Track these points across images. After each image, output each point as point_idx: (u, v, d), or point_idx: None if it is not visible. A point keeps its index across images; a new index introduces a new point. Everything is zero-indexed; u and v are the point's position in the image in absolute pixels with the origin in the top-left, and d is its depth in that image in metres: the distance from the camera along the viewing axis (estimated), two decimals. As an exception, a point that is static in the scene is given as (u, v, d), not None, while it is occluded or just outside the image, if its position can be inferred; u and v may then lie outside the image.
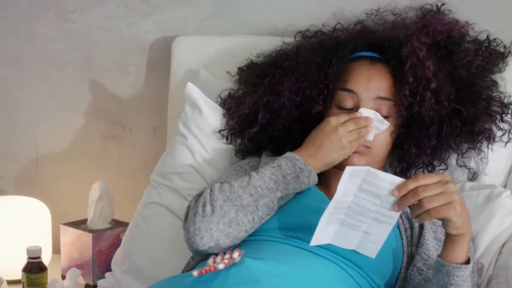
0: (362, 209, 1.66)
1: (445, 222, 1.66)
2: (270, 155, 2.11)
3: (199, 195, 1.91)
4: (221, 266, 1.63)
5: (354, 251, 1.75)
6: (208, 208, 1.83)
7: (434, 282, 1.73)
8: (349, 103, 1.99)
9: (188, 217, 1.86)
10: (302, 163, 1.87)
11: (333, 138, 1.89)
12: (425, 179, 1.63)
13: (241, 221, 1.83)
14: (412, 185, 1.62)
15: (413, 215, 1.65)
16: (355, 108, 1.97)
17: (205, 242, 1.81)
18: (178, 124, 2.26)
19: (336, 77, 2.03)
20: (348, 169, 1.63)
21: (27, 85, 2.88)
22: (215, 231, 1.81)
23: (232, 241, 1.82)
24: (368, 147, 1.96)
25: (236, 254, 1.66)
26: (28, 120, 2.89)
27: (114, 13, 2.73)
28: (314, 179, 1.89)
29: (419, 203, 1.62)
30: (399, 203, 1.64)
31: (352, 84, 1.99)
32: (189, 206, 1.89)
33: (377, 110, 1.97)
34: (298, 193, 1.93)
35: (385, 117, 1.97)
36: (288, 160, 1.88)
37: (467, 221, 1.69)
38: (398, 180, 1.63)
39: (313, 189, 1.94)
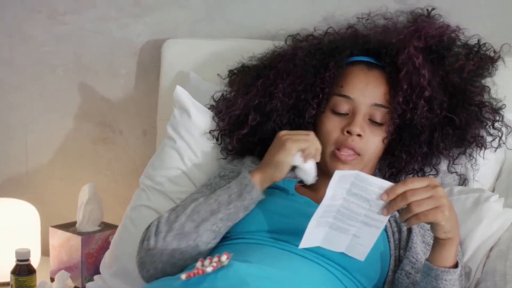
0: (351, 212, 1.66)
1: (433, 226, 1.67)
2: (254, 160, 2.11)
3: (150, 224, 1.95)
4: (209, 269, 1.63)
5: (342, 253, 1.75)
6: (152, 241, 1.87)
7: (422, 286, 1.73)
8: (344, 108, 1.99)
9: (138, 246, 1.91)
10: (247, 180, 1.84)
11: (275, 141, 1.88)
12: (413, 184, 1.63)
13: (184, 249, 1.84)
14: (400, 189, 1.62)
15: (401, 219, 1.65)
16: (350, 113, 1.97)
17: (151, 274, 1.87)
18: (167, 127, 2.26)
19: (332, 81, 2.03)
20: (337, 174, 1.63)
21: (18, 87, 2.88)
22: (159, 263, 1.85)
23: (181, 269, 1.82)
24: (359, 155, 1.96)
25: (224, 257, 1.66)
26: (18, 122, 2.89)
27: (105, 15, 2.73)
28: (257, 194, 1.84)
29: (408, 207, 1.62)
30: (388, 207, 1.64)
31: (349, 90, 1.99)
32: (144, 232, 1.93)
33: (371, 117, 1.98)
34: (283, 198, 1.94)
35: (379, 124, 1.98)
36: (238, 178, 1.88)
37: (455, 225, 1.69)
38: (387, 184, 1.63)
39: (297, 195, 1.96)
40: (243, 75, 2.24)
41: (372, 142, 1.98)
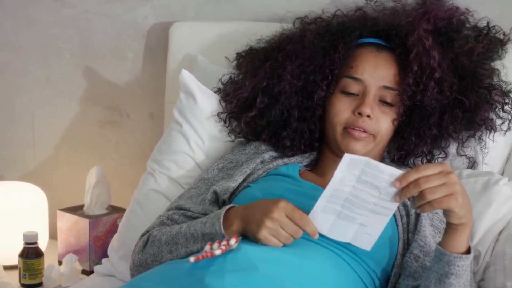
0: (360, 201, 1.64)
1: (447, 212, 1.64)
2: (257, 147, 2.11)
3: (144, 234, 1.99)
4: (218, 252, 1.63)
5: (350, 237, 1.75)
6: (136, 258, 1.93)
7: (433, 271, 1.71)
8: (354, 89, 1.99)
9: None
10: (219, 227, 1.76)
11: (263, 210, 1.73)
12: (426, 170, 1.60)
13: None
14: (413, 176, 1.59)
15: (414, 206, 1.62)
16: (360, 95, 1.98)
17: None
18: (173, 111, 2.26)
19: (341, 62, 2.02)
20: (347, 156, 1.62)
21: (24, 71, 2.87)
22: (146, 269, 1.86)
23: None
24: (372, 135, 1.96)
25: (233, 241, 1.66)
26: (25, 106, 2.89)
27: (112, -2, 2.72)
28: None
29: (421, 194, 1.60)
30: (400, 194, 1.61)
31: (359, 71, 1.99)
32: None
33: (381, 98, 1.98)
34: (289, 183, 1.95)
35: (389, 105, 1.98)
36: (212, 217, 1.81)
37: (469, 211, 1.67)
38: (398, 172, 1.60)
39: (303, 181, 1.97)
40: (251, 58, 2.23)
41: (382, 122, 1.98)
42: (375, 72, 1.98)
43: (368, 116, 1.95)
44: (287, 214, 1.70)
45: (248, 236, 1.73)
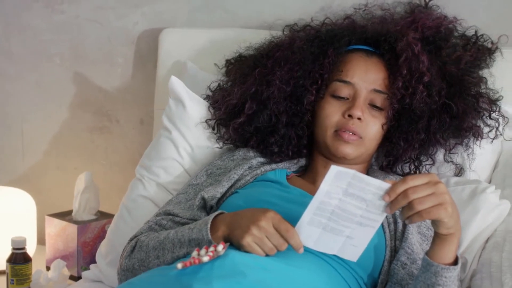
0: (346, 213, 1.63)
1: (436, 222, 1.64)
2: (245, 153, 2.12)
3: (132, 238, 1.98)
4: (205, 258, 1.62)
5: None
6: (124, 262, 1.93)
7: (420, 281, 1.71)
8: (344, 92, 2.01)
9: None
10: (206, 232, 1.76)
11: (250, 218, 1.72)
12: (413, 181, 1.59)
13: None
14: (401, 187, 1.59)
15: (403, 217, 1.61)
16: (350, 98, 1.99)
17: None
18: (162, 117, 2.26)
19: (331, 67, 2.04)
20: (333, 169, 1.60)
21: (15, 76, 2.87)
22: (133, 275, 1.87)
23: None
24: (361, 137, 1.97)
25: (220, 247, 1.66)
26: (15, 111, 2.89)
27: (102, 4, 2.72)
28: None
29: (410, 205, 1.59)
30: (390, 206, 1.60)
31: (349, 75, 2.01)
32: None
33: (371, 102, 1.99)
34: (277, 189, 1.95)
35: (379, 109, 1.99)
36: (200, 224, 1.81)
37: (457, 221, 1.66)
38: (386, 185, 1.60)
39: (291, 187, 1.97)
40: (240, 65, 2.24)
41: (372, 126, 1.99)
42: (366, 76, 2.00)
43: (359, 119, 1.97)
44: (274, 224, 1.69)
45: (233, 243, 1.73)
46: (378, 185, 1.59)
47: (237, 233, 1.71)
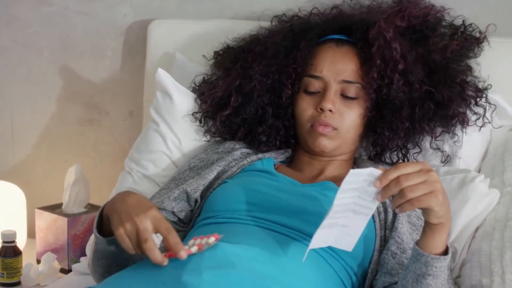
0: (341, 207, 1.61)
1: (426, 211, 1.63)
2: (231, 146, 2.12)
3: None
4: (194, 249, 1.62)
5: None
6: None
7: (411, 271, 1.71)
8: (315, 87, 2.02)
9: None
10: (95, 231, 1.74)
11: (132, 207, 1.65)
12: (405, 168, 1.58)
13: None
14: (393, 174, 1.57)
15: (394, 205, 1.60)
16: (322, 92, 2.00)
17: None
18: (150, 110, 2.26)
19: (303, 61, 2.04)
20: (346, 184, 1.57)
21: (3, 69, 2.86)
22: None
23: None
24: (335, 129, 1.98)
25: (212, 239, 1.65)
26: (4, 103, 2.88)
27: (91, -4, 2.72)
28: (103, 243, 1.74)
29: (401, 192, 1.57)
30: (382, 193, 1.59)
31: (318, 69, 2.01)
32: None
33: (343, 92, 2.00)
34: (266, 178, 1.95)
35: (352, 99, 1.99)
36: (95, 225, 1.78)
37: (448, 210, 1.66)
38: (377, 171, 1.58)
39: (280, 176, 1.97)
40: (223, 58, 2.24)
41: (347, 116, 1.99)
42: (333, 67, 2.00)
43: (330, 111, 1.97)
44: (152, 221, 1.61)
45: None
46: (369, 172, 1.58)
47: (113, 219, 1.65)
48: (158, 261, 1.58)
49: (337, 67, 2.00)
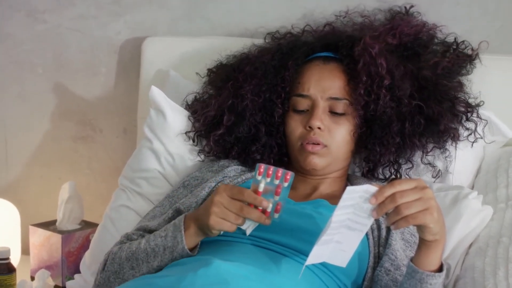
0: (338, 224, 1.62)
1: (421, 228, 1.63)
2: (225, 164, 2.12)
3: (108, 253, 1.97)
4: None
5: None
6: (99, 277, 1.92)
7: (406, 287, 1.72)
8: (303, 105, 2.02)
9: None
10: (181, 238, 1.78)
11: (208, 201, 1.75)
12: (401, 185, 1.59)
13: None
14: (389, 191, 1.58)
15: (389, 222, 1.60)
16: (310, 110, 2.00)
17: None
18: (144, 127, 2.26)
19: (291, 80, 2.05)
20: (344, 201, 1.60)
21: (-3, 86, 2.87)
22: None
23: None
24: (325, 146, 1.98)
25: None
26: (-3, 121, 2.88)
27: (84, 13, 2.72)
28: (186, 252, 1.78)
29: (396, 209, 1.58)
30: (377, 210, 1.59)
31: (305, 88, 2.02)
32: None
33: (331, 109, 2.00)
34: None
35: (340, 115, 2.00)
36: (173, 230, 1.81)
37: (443, 227, 1.66)
38: (372, 188, 1.59)
39: None
40: (215, 77, 2.25)
41: (336, 132, 2.00)
42: (320, 85, 2.00)
43: (319, 128, 1.97)
44: (228, 194, 1.71)
45: (205, 231, 1.75)
46: (365, 189, 1.58)
47: (203, 219, 1.74)
48: (262, 219, 1.70)
49: (323, 84, 2.01)
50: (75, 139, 2.80)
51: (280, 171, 1.70)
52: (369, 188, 1.59)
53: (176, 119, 2.22)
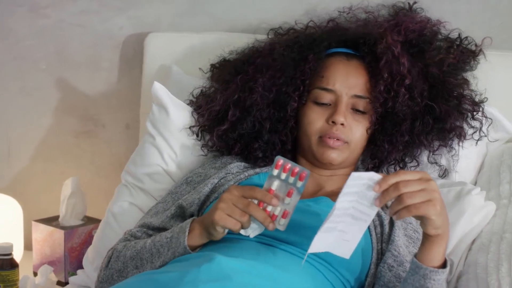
0: (342, 211, 1.62)
1: (424, 220, 1.63)
2: (228, 161, 2.12)
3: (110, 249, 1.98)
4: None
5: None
6: (102, 273, 1.94)
7: (409, 283, 1.71)
8: (326, 99, 2.01)
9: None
10: (183, 239, 1.78)
11: (217, 200, 1.75)
12: (406, 175, 1.59)
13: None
14: (393, 179, 1.58)
15: (392, 211, 1.61)
16: (332, 104, 1.99)
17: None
18: (146, 123, 2.26)
19: (312, 72, 2.04)
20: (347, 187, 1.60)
21: (-1, 81, 2.87)
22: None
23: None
24: (346, 142, 1.98)
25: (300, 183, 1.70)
26: (0, 117, 2.87)
27: (87, 8, 2.72)
28: (187, 252, 1.78)
29: (399, 198, 1.58)
30: (380, 198, 1.59)
31: (330, 82, 2.01)
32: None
33: (354, 106, 2.00)
34: None
35: (362, 113, 2.00)
36: (178, 231, 1.82)
37: (446, 222, 1.66)
38: (377, 176, 1.59)
39: None
40: (222, 71, 2.24)
41: (356, 130, 2.00)
42: (346, 81, 2.00)
43: (342, 124, 1.97)
44: (238, 191, 1.72)
45: (209, 230, 1.75)
46: (370, 176, 1.59)
47: (208, 217, 1.74)
48: (267, 221, 1.69)
49: (350, 81, 2.01)
50: (77, 135, 2.80)
51: (297, 168, 1.69)
52: (373, 175, 1.59)
53: (178, 115, 2.22)
